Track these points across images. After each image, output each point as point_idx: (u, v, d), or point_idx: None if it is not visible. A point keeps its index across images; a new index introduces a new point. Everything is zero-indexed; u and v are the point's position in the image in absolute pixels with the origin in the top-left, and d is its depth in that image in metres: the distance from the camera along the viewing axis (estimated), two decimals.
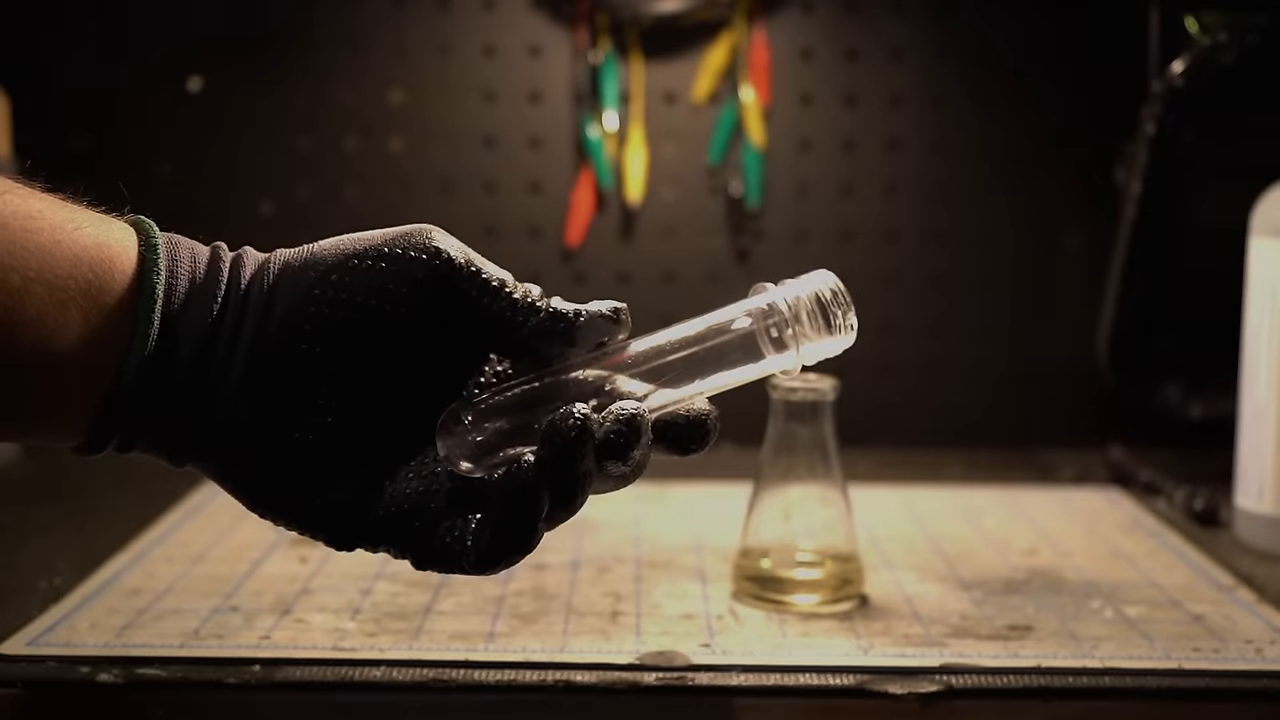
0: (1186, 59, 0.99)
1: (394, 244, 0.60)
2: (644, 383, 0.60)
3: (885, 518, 0.95)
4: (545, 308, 0.60)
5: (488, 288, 0.60)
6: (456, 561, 0.58)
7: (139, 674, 0.66)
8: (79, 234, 0.60)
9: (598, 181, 1.15)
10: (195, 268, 0.62)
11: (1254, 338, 0.87)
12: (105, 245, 0.61)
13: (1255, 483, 0.87)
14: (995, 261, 1.19)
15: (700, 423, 0.61)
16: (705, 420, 0.61)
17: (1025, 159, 1.18)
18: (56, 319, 0.59)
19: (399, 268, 0.60)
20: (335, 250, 0.61)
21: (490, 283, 0.60)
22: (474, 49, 1.16)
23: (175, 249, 0.62)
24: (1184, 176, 1.01)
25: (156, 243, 0.62)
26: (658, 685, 0.66)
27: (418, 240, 0.60)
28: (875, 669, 0.68)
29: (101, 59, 1.16)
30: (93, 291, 0.60)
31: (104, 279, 0.60)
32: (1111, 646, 0.71)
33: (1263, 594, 0.80)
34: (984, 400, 1.19)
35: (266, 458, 0.60)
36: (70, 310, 0.59)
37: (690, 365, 0.61)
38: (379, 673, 0.67)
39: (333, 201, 1.17)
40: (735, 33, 1.14)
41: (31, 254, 0.59)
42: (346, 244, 0.61)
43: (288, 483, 0.60)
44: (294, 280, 0.61)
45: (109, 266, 0.60)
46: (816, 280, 0.62)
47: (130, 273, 0.60)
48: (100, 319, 0.60)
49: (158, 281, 0.60)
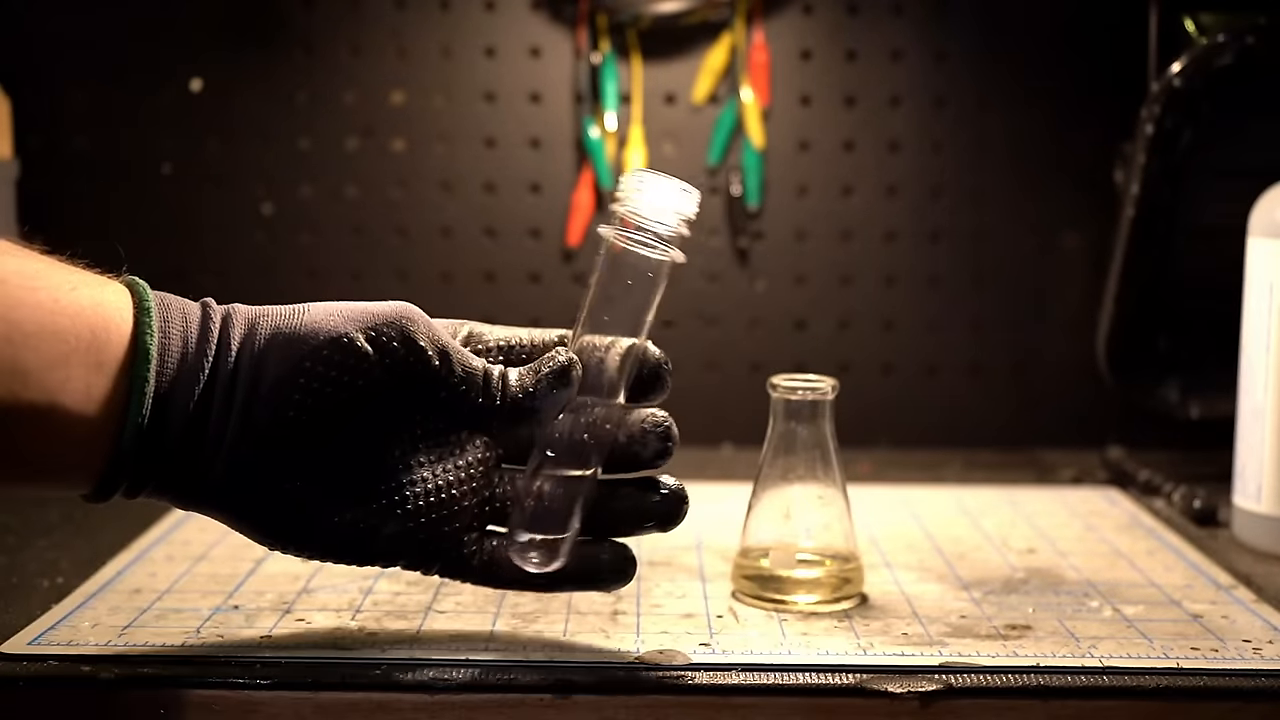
0: (1185, 60, 0.99)
1: (380, 328, 0.65)
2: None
3: (885, 517, 0.95)
4: (509, 399, 0.66)
5: (455, 386, 0.66)
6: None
7: (141, 673, 0.66)
8: (76, 294, 0.62)
9: (598, 182, 1.16)
10: (187, 328, 0.65)
11: (1252, 338, 0.88)
12: (101, 305, 0.63)
13: (1253, 483, 0.87)
14: (995, 262, 1.19)
15: (655, 371, 0.69)
16: (659, 368, 0.70)
17: (1025, 159, 1.18)
18: (59, 374, 0.61)
19: (381, 354, 0.65)
20: (324, 326, 0.65)
21: (457, 384, 0.66)
22: (475, 50, 1.16)
23: (167, 311, 0.65)
24: (1183, 177, 1.01)
25: (149, 306, 0.64)
26: (658, 684, 0.66)
27: (398, 328, 0.65)
28: (875, 668, 0.68)
29: (102, 59, 1.16)
30: (92, 349, 0.62)
31: (101, 338, 0.62)
32: (1110, 645, 0.71)
33: (1261, 593, 0.80)
34: (983, 400, 1.20)
35: (267, 503, 0.65)
36: (72, 366, 0.61)
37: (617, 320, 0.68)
38: (379, 671, 0.67)
39: (334, 202, 1.17)
40: (735, 33, 1.15)
41: (32, 309, 0.61)
42: (336, 321, 0.65)
43: (292, 521, 0.65)
44: (284, 350, 0.64)
45: (105, 325, 0.63)
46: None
47: (126, 334, 0.63)
48: (99, 378, 0.62)
49: (150, 344, 0.63)
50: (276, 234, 1.18)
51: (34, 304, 0.61)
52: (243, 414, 0.64)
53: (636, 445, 0.67)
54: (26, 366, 0.60)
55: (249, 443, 0.64)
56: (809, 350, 1.18)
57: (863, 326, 1.19)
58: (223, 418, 0.64)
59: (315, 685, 0.66)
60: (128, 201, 1.17)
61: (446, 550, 0.67)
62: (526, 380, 0.66)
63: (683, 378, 1.20)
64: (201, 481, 0.64)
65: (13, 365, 0.60)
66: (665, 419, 0.68)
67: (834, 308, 1.19)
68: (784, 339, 1.19)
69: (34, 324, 0.61)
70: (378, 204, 1.17)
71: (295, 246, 1.18)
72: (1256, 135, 1.02)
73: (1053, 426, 1.18)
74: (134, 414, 0.62)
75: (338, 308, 0.66)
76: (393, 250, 1.18)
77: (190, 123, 1.16)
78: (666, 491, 0.68)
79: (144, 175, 1.17)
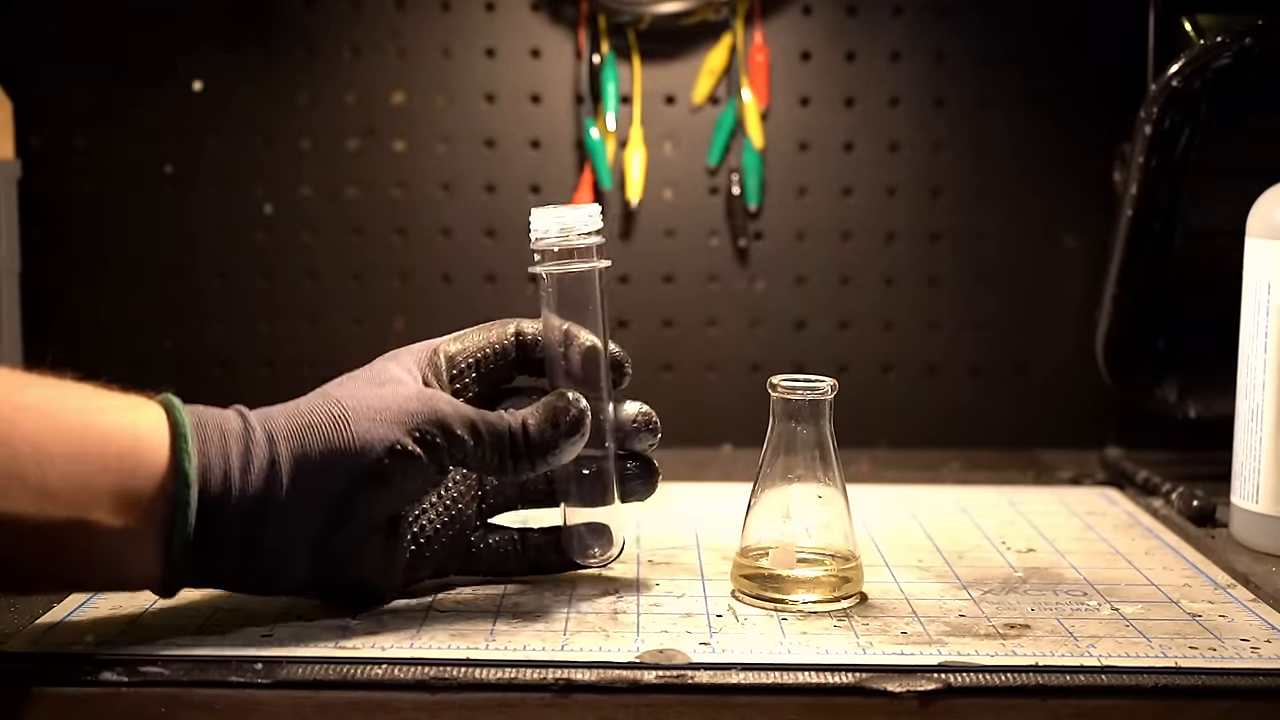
0: (1184, 60, 0.99)
1: (421, 428, 0.70)
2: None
3: (884, 517, 0.96)
4: (534, 459, 0.72)
5: (486, 460, 0.72)
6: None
7: (142, 672, 0.66)
8: (104, 417, 0.66)
9: (598, 183, 1.16)
10: (227, 449, 0.68)
11: (1250, 338, 0.88)
12: (131, 427, 0.66)
13: (1251, 482, 0.87)
14: (994, 262, 1.19)
15: (618, 365, 0.77)
16: (621, 362, 0.78)
17: (1024, 159, 1.18)
18: (88, 495, 0.64)
19: (428, 453, 0.70)
20: (373, 436, 0.70)
21: (488, 456, 0.72)
22: (475, 50, 1.16)
23: (204, 431, 0.68)
24: (1181, 177, 1.01)
25: (185, 431, 0.67)
26: (658, 683, 0.67)
27: (436, 422, 0.71)
28: (874, 667, 0.68)
29: (102, 59, 1.16)
30: (123, 471, 0.65)
31: (130, 461, 0.66)
32: (1108, 645, 0.71)
33: (1259, 593, 0.80)
34: (982, 400, 1.20)
35: (321, 586, 0.73)
36: (101, 487, 0.65)
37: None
38: (380, 671, 0.67)
39: (334, 202, 1.17)
40: (734, 34, 1.15)
41: (58, 433, 0.64)
42: (382, 430, 0.70)
43: (348, 591, 0.74)
44: (343, 469, 0.69)
45: (135, 448, 0.66)
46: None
47: (161, 456, 0.66)
48: (133, 499, 0.65)
49: (189, 466, 0.67)
50: (276, 234, 1.18)
51: (60, 428, 0.64)
52: (302, 528, 0.69)
53: (632, 439, 0.78)
54: (54, 487, 0.63)
55: (316, 555, 0.70)
56: (809, 350, 1.19)
57: (862, 326, 1.20)
58: (281, 531, 0.69)
59: (315, 685, 0.66)
60: (128, 201, 1.17)
61: (457, 558, 0.78)
62: (546, 434, 0.72)
63: (683, 378, 1.21)
64: (275, 582, 0.72)
65: (41, 486, 0.63)
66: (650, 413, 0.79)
67: (834, 308, 1.19)
68: (784, 339, 1.19)
69: (61, 447, 0.64)
70: (378, 204, 1.18)
71: (295, 246, 1.18)
72: (1255, 135, 1.02)
73: (1052, 426, 1.18)
74: (179, 531, 0.66)
75: (373, 410, 0.70)
76: (393, 250, 1.18)
77: (190, 122, 1.16)
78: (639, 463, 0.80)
79: (144, 175, 1.17)
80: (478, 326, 0.78)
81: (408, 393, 0.71)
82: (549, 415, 0.72)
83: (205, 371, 1.18)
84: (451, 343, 0.76)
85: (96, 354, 1.16)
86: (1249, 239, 0.88)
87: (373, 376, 0.73)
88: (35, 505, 0.63)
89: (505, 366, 0.77)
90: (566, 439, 0.73)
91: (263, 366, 1.18)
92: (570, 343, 0.76)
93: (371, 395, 0.71)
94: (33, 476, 0.63)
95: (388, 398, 0.71)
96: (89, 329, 1.17)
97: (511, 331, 0.77)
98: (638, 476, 0.79)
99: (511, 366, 0.78)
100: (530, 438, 0.72)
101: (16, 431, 0.63)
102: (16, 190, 1.10)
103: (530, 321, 0.78)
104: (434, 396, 0.72)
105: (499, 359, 0.77)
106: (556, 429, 0.72)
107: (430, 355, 0.75)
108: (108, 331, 1.18)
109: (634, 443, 0.78)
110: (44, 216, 1.15)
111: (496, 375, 0.77)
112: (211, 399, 0.71)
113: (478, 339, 0.77)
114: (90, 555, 0.66)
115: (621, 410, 0.78)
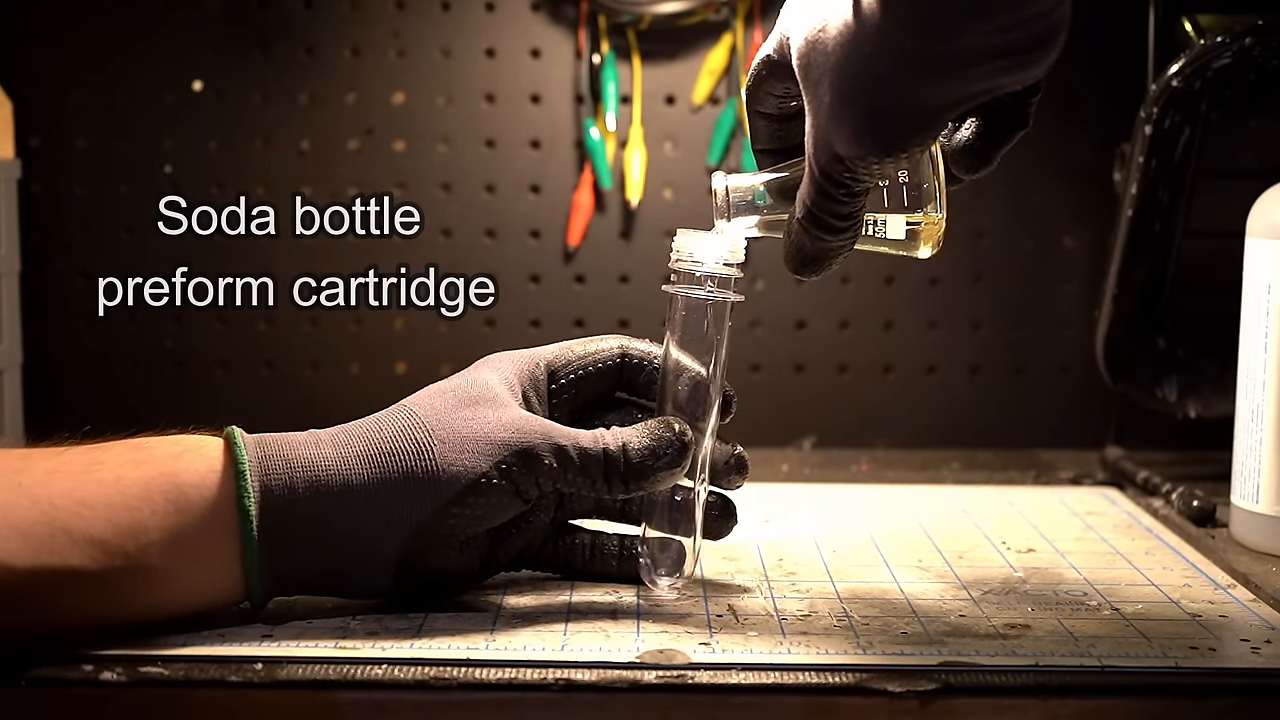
0: (1183, 60, 0.99)
1: (508, 460, 0.70)
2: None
3: (884, 517, 0.96)
4: (631, 481, 0.72)
5: (578, 484, 0.72)
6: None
7: (141, 672, 0.66)
8: (141, 469, 0.67)
9: (598, 182, 1.16)
10: (293, 483, 0.69)
11: (1250, 338, 0.88)
12: (171, 475, 0.68)
13: (1252, 483, 0.87)
14: (994, 261, 1.19)
15: (726, 401, 0.78)
16: (730, 399, 0.79)
17: (1025, 159, 1.18)
18: (139, 540, 0.66)
19: (513, 484, 0.70)
20: (461, 466, 0.69)
21: (580, 480, 0.71)
22: (475, 51, 1.16)
23: (267, 464, 0.69)
24: (1181, 177, 1.01)
25: (244, 468, 0.68)
26: (658, 683, 0.67)
27: (523, 456, 0.70)
28: (874, 667, 0.68)
29: (103, 59, 1.16)
30: (170, 514, 0.67)
31: (180, 505, 0.67)
32: (1108, 645, 0.71)
33: (1259, 593, 0.80)
34: (982, 400, 1.20)
35: (403, 591, 0.73)
36: (151, 531, 0.66)
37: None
38: (380, 671, 0.67)
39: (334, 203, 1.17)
40: (734, 34, 1.15)
41: (96, 486, 0.66)
42: (468, 460, 0.69)
43: (428, 589, 0.74)
44: (393, 509, 0.69)
45: (181, 494, 0.67)
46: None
47: (208, 494, 0.68)
48: (187, 539, 0.67)
49: (250, 504, 0.68)
50: (277, 234, 1.17)
51: (97, 481, 0.66)
52: (381, 551, 0.70)
53: (720, 476, 0.78)
54: (102, 536, 0.65)
55: (400, 567, 0.71)
56: (809, 350, 1.19)
57: (862, 326, 1.20)
58: (366, 563, 0.70)
59: (315, 685, 0.66)
60: (128, 201, 1.17)
61: (530, 556, 0.78)
62: (648, 460, 0.71)
63: None
64: (359, 593, 0.73)
65: (88, 536, 0.65)
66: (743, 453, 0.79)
67: (834, 308, 1.19)
68: (784, 339, 1.19)
69: (100, 499, 0.66)
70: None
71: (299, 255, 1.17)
72: (1255, 135, 1.02)
73: (1051, 426, 1.19)
74: (249, 566, 0.69)
75: (459, 437, 0.70)
76: (393, 250, 1.18)
77: (190, 123, 1.16)
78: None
79: (144, 175, 1.17)
80: (579, 340, 0.77)
81: (499, 420, 0.70)
82: (654, 441, 0.72)
83: (205, 371, 1.17)
84: (554, 355, 0.76)
85: (97, 354, 1.17)
86: (1249, 239, 0.88)
87: (465, 392, 0.72)
88: (88, 556, 0.65)
89: (607, 384, 0.77)
90: (667, 469, 0.72)
91: (263, 366, 1.18)
92: (684, 370, 0.75)
93: (459, 420, 0.70)
94: (78, 528, 0.64)
95: (476, 424, 0.70)
96: (89, 329, 1.17)
97: (616, 348, 0.77)
98: (719, 515, 0.78)
99: (613, 383, 0.77)
100: (630, 460, 0.71)
101: (53, 489, 0.65)
102: (16, 190, 1.10)
103: (635, 340, 0.78)
104: (525, 424, 0.70)
105: (602, 377, 0.76)
106: (658, 457, 0.71)
107: (531, 367, 0.74)
108: (108, 331, 1.18)
109: (721, 480, 0.78)
110: (44, 216, 1.15)
111: (597, 390, 0.77)
112: (212, 399, 0.71)
113: (581, 351, 0.76)
114: (153, 593, 0.68)
115: (716, 446, 0.77)
